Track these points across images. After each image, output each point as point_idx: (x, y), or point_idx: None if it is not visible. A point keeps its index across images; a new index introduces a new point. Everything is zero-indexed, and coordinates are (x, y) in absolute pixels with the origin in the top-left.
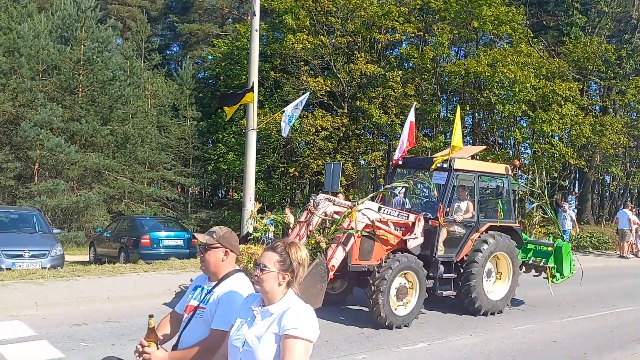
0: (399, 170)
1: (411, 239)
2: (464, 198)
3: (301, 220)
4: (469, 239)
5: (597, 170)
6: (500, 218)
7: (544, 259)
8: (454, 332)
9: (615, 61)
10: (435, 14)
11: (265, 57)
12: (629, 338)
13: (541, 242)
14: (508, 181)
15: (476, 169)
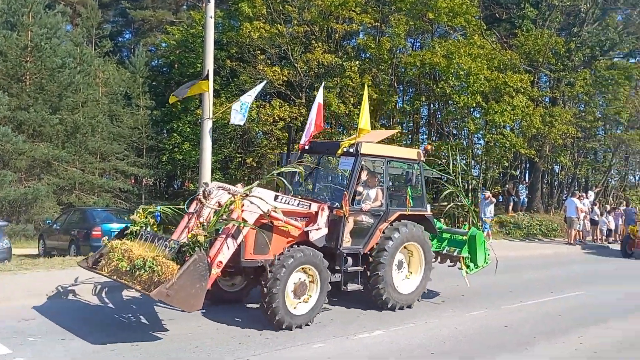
0: (306, 155)
1: (314, 230)
2: (373, 185)
3: (189, 211)
4: (378, 229)
5: (547, 160)
6: (410, 206)
7: (458, 249)
8: (409, 319)
9: (565, 54)
10: (392, 5)
11: (221, 45)
12: (576, 322)
13: (456, 231)
14: (420, 167)
15: (385, 153)
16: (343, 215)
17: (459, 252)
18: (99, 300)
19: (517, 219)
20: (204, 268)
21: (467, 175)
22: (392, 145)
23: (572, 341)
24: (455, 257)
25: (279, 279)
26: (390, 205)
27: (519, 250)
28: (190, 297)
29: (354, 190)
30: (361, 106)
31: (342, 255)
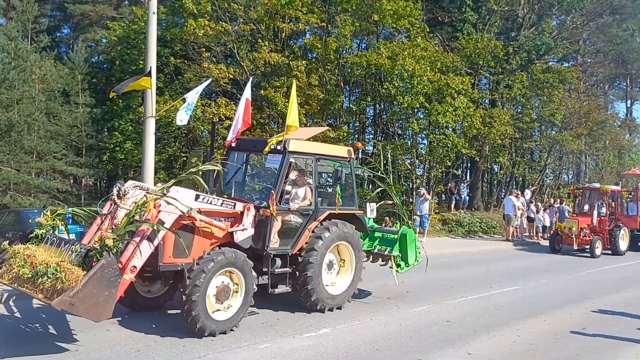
0: (233, 152)
1: (239, 231)
2: (302, 184)
3: (103, 212)
4: (307, 228)
5: (487, 159)
6: (339, 205)
7: (389, 248)
8: (355, 317)
9: (503, 57)
10: (338, 6)
11: (165, 42)
12: (514, 315)
13: (387, 229)
14: (351, 165)
15: (314, 151)
16: (270, 215)
17: (390, 251)
18: (6, 310)
19: (459, 216)
20: (113, 274)
21: (411, 175)
22: (322, 143)
23: (511, 334)
24: (386, 255)
25: (198, 285)
26: (320, 204)
27: (461, 247)
28: (97, 305)
29: (282, 189)
30: (289, 102)
31: (269, 257)
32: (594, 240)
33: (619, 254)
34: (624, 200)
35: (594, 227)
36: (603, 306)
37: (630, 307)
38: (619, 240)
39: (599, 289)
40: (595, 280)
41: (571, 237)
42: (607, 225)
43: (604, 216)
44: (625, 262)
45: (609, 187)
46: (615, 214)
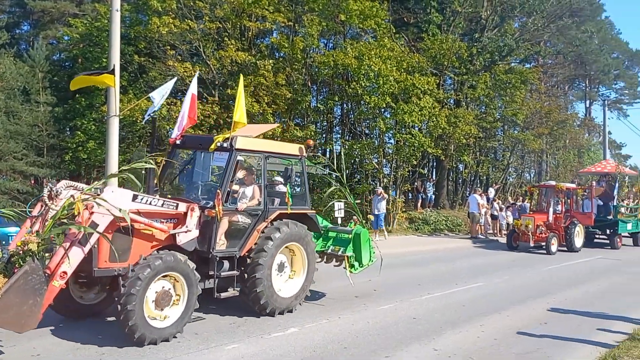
0: (178, 150)
1: (182, 233)
2: (250, 182)
3: (33, 214)
4: (255, 229)
5: (452, 158)
6: (290, 204)
7: (343, 248)
8: (324, 315)
9: (467, 58)
10: (304, 5)
11: (129, 39)
12: (478, 312)
13: (342, 229)
14: (302, 163)
15: (263, 149)
16: (215, 216)
17: (344, 251)
18: None
19: (425, 215)
20: (38, 281)
21: (378, 174)
22: (272, 140)
23: (475, 329)
24: (340, 256)
25: (134, 293)
26: (271, 203)
27: (427, 244)
28: (20, 315)
29: (230, 189)
30: (236, 98)
31: (215, 259)
32: (550, 237)
33: (574, 251)
34: (579, 197)
35: (549, 224)
36: (564, 301)
37: (589, 301)
38: (574, 237)
39: (559, 285)
40: (555, 276)
41: (528, 234)
42: (563, 223)
43: (560, 213)
44: (581, 259)
45: (564, 184)
46: (571, 211)
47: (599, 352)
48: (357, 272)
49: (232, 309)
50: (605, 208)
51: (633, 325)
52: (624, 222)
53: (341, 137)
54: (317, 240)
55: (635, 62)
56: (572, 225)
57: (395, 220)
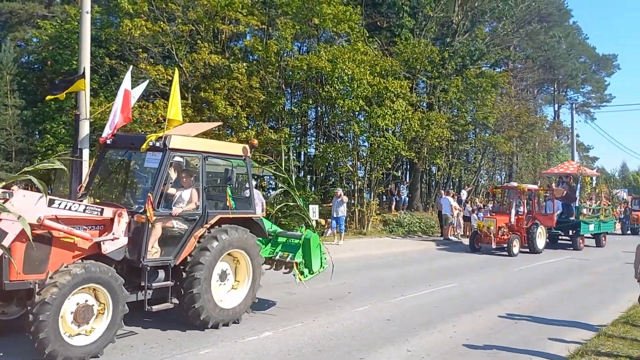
0: (110, 151)
1: (108, 241)
2: (188, 185)
3: None
4: (192, 235)
5: (425, 161)
6: (232, 208)
7: (292, 254)
8: (298, 318)
9: (439, 62)
10: (278, 9)
11: (100, 42)
12: (451, 312)
13: (291, 234)
14: (247, 164)
15: (202, 148)
16: (146, 222)
17: (293, 257)
18: None
19: (399, 217)
20: None
21: (353, 176)
22: (213, 140)
23: (448, 330)
24: (289, 262)
25: (48, 302)
26: (214, 207)
27: (401, 246)
28: None
29: (165, 192)
30: (170, 93)
31: (146, 269)
32: (512, 239)
33: (536, 252)
34: (541, 198)
35: (511, 226)
36: (534, 300)
37: (555, 301)
38: (536, 239)
39: (530, 285)
40: (526, 276)
41: (490, 236)
42: (525, 224)
43: (522, 215)
44: (551, 259)
45: (525, 185)
46: (533, 213)
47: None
48: (307, 279)
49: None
50: (567, 209)
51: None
52: (586, 223)
53: (315, 140)
54: (265, 246)
55: (601, 67)
56: (534, 227)
57: (369, 223)
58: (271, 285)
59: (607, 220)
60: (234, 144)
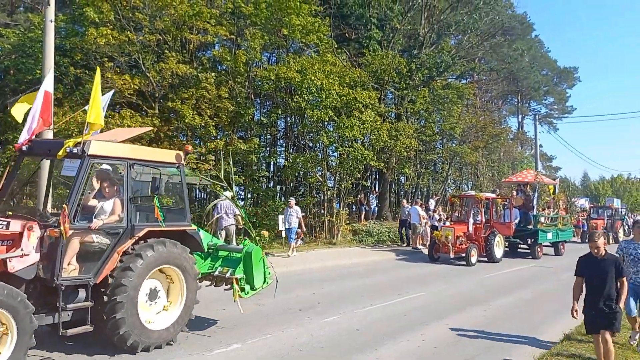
0: (25, 157)
1: (16, 258)
2: (111, 195)
3: None
4: (115, 251)
5: (394, 171)
6: (161, 220)
7: (232, 269)
8: (267, 330)
9: (407, 73)
10: (247, 19)
11: (64, 51)
12: (419, 321)
13: (233, 247)
14: (182, 172)
15: (126, 155)
16: (60, 236)
17: (233, 273)
18: None
19: (368, 226)
20: None
21: (322, 186)
22: (140, 146)
23: (416, 338)
24: (228, 279)
25: None
26: (144, 220)
27: (370, 256)
28: None
29: (86, 202)
30: (91, 96)
31: (61, 288)
32: (470, 249)
33: (494, 261)
34: (499, 207)
35: (470, 235)
36: (499, 307)
37: (522, 307)
38: (494, 248)
39: (495, 293)
40: (491, 284)
41: (448, 245)
42: (483, 233)
43: (480, 224)
44: (516, 267)
45: (483, 194)
46: (490, 222)
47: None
48: (247, 296)
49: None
50: (525, 218)
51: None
52: (544, 231)
53: (285, 150)
54: (205, 260)
55: (563, 79)
56: (491, 236)
57: (339, 233)
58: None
59: (565, 228)
60: (166, 151)
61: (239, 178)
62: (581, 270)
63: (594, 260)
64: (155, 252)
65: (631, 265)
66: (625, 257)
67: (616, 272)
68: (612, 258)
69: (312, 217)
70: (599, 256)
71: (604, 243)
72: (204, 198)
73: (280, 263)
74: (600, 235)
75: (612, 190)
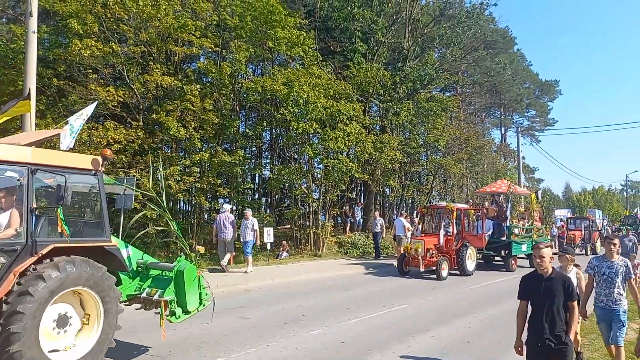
0: None
1: None
2: (8, 206)
3: None
4: (11, 271)
5: (379, 183)
6: (66, 235)
7: (161, 290)
8: (252, 343)
9: (391, 86)
10: (232, 31)
11: (47, 62)
12: (405, 332)
13: (164, 265)
14: (99, 180)
15: (29, 160)
16: None
17: (162, 295)
18: None
19: (354, 238)
20: None
21: (307, 198)
22: (51, 149)
23: (402, 350)
24: (157, 301)
25: None
26: (53, 234)
27: (355, 268)
28: None
29: None
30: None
31: None
32: (440, 262)
33: (466, 275)
34: (471, 218)
35: (440, 248)
36: (484, 319)
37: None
38: (466, 260)
39: (480, 304)
40: (476, 295)
41: (418, 258)
42: (454, 245)
43: (451, 236)
44: (500, 278)
45: (455, 205)
46: (462, 233)
47: None
48: (179, 321)
49: (156, 339)
50: (498, 229)
51: None
52: (518, 243)
53: (270, 162)
54: (132, 280)
55: (544, 92)
56: (463, 248)
57: (324, 245)
58: (223, 310)
59: (540, 240)
60: (80, 155)
61: (224, 190)
62: (524, 293)
63: (539, 279)
64: (62, 272)
65: (603, 287)
66: (596, 276)
67: (565, 294)
68: (561, 277)
69: (298, 229)
70: (545, 274)
71: (550, 257)
72: (188, 210)
73: (265, 276)
74: (546, 246)
75: (593, 202)
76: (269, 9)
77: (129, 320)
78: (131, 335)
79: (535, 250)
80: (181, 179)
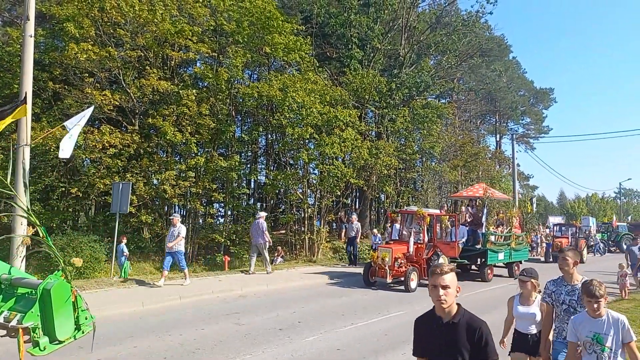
0: None
1: None
2: None
3: None
4: None
5: (374, 189)
6: None
7: (22, 314)
8: (247, 349)
9: (387, 92)
10: (229, 37)
11: (43, 65)
12: (400, 339)
13: (30, 282)
14: None
15: None
16: None
17: (21, 320)
18: None
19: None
20: None
21: (302, 204)
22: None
23: (398, 357)
24: (14, 328)
25: None
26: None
27: (350, 274)
28: None
29: None
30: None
31: None
32: (408, 273)
33: None
34: (444, 225)
35: (410, 256)
36: None
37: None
38: None
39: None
40: (472, 302)
41: (385, 268)
42: (425, 254)
43: (422, 243)
44: (496, 285)
45: (426, 210)
46: (434, 241)
47: None
48: (45, 353)
49: (155, 348)
50: (474, 236)
51: None
52: (495, 251)
53: (266, 167)
54: None
55: (539, 100)
56: (434, 257)
57: (319, 251)
58: (218, 316)
59: (519, 248)
60: None
61: (219, 195)
62: (418, 346)
63: (435, 324)
64: None
65: (564, 319)
66: (555, 306)
67: (473, 350)
68: (469, 321)
69: (293, 235)
70: (446, 316)
71: (457, 288)
72: (183, 215)
73: (260, 281)
74: (446, 263)
75: (587, 209)
76: (266, 14)
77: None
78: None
79: (432, 277)
80: (177, 184)
